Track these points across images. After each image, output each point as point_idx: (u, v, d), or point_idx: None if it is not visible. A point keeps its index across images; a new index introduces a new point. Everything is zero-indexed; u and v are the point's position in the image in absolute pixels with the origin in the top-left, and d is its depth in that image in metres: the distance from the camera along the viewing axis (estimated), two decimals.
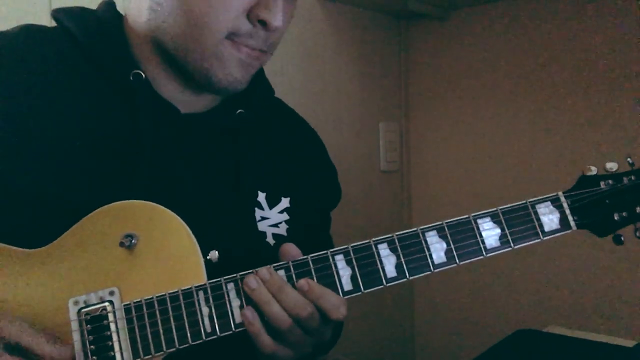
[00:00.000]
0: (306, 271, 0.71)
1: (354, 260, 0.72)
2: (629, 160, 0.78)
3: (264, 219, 0.82)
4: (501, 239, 0.74)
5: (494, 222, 0.74)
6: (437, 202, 1.97)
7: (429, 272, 0.73)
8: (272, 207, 0.83)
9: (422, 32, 1.97)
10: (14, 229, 0.70)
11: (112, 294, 0.68)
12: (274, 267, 0.71)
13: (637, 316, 1.58)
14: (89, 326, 0.67)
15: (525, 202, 0.76)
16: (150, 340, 0.67)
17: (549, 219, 0.75)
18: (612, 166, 0.77)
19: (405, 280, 0.72)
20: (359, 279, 0.71)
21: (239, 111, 0.83)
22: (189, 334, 0.68)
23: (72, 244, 0.70)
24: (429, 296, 2.00)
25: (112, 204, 0.70)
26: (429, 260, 0.73)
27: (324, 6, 1.72)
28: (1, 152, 0.71)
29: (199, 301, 0.69)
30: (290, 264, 0.71)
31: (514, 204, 0.75)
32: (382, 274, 0.72)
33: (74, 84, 0.77)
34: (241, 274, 0.70)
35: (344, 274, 0.71)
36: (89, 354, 0.67)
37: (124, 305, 0.68)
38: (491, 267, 1.82)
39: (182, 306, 0.68)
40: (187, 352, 0.68)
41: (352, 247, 0.72)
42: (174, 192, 0.76)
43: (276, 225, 0.83)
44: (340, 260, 0.72)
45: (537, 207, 0.75)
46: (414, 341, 2.04)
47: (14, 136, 0.72)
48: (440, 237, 0.73)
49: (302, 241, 0.75)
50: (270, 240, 0.82)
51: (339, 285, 0.71)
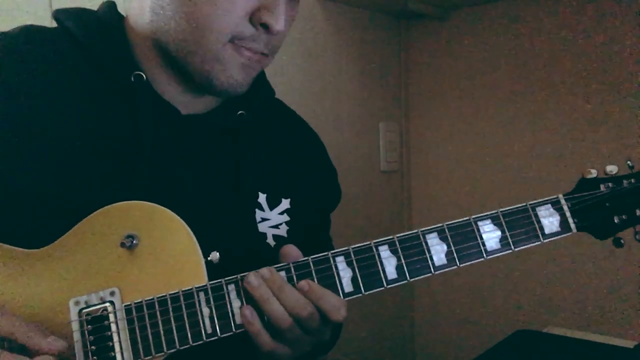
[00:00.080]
0: (307, 272, 0.71)
1: (354, 261, 0.72)
2: (629, 163, 0.78)
3: (264, 220, 0.82)
4: (501, 241, 0.74)
5: (495, 225, 0.75)
6: (437, 202, 1.97)
7: (430, 274, 0.73)
8: (272, 208, 0.84)
9: (422, 32, 1.97)
10: (14, 229, 0.70)
11: (112, 294, 0.69)
12: (275, 267, 0.71)
13: (637, 316, 1.58)
14: (90, 326, 0.67)
15: (525, 205, 0.76)
16: (150, 340, 0.68)
17: (550, 221, 0.75)
18: (612, 169, 0.78)
19: (405, 282, 0.72)
20: (360, 281, 0.71)
21: (240, 112, 0.83)
22: (189, 334, 0.68)
23: (72, 244, 0.70)
24: (429, 296, 2.00)
25: (113, 205, 0.70)
26: (430, 262, 0.73)
27: (324, 6, 1.72)
28: (2, 152, 0.71)
29: (199, 302, 0.69)
30: (291, 265, 0.71)
31: (514, 207, 0.76)
32: (382, 275, 0.72)
33: (74, 85, 0.77)
34: (242, 275, 0.70)
35: (345, 275, 0.72)
36: (90, 355, 0.67)
37: (125, 305, 0.68)
38: (491, 268, 1.82)
39: (183, 307, 0.68)
40: (187, 353, 0.68)
41: (352, 248, 0.72)
42: (174, 193, 0.76)
43: (276, 226, 0.83)
44: (341, 261, 0.72)
45: (538, 209, 0.76)
46: (414, 341, 2.04)
47: (14, 136, 0.72)
48: (440, 239, 0.73)
49: (302, 242, 0.75)
50: (270, 241, 0.82)
51: (339, 286, 0.71)
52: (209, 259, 0.70)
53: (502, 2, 1.79)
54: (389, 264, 0.72)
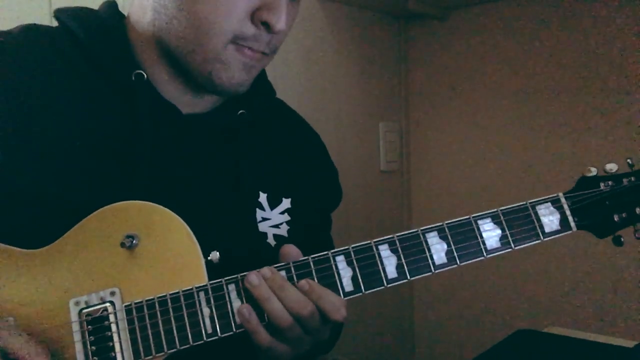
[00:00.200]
0: (307, 272, 0.71)
1: (354, 261, 0.72)
2: (628, 161, 0.78)
3: (265, 219, 0.82)
4: (502, 239, 0.74)
5: (495, 223, 0.75)
6: (437, 202, 1.97)
7: (430, 273, 0.73)
8: (273, 207, 0.84)
9: (422, 32, 1.97)
10: (14, 229, 0.70)
11: (113, 294, 0.69)
12: (275, 267, 0.71)
13: (637, 316, 1.58)
14: (90, 327, 0.67)
15: (525, 203, 0.76)
16: (151, 340, 0.68)
17: (550, 220, 0.75)
18: (611, 167, 0.78)
19: (406, 281, 0.72)
20: (360, 280, 0.71)
21: (240, 112, 0.83)
22: (189, 334, 0.68)
23: (73, 244, 0.70)
24: (429, 296, 2.00)
25: (113, 205, 0.70)
26: (430, 261, 0.73)
27: (324, 6, 1.72)
28: (2, 152, 0.71)
29: (199, 302, 0.69)
30: (291, 264, 0.71)
31: (514, 205, 0.76)
32: (382, 274, 0.72)
33: (75, 84, 0.77)
34: (242, 275, 0.70)
35: (345, 274, 0.72)
36: (90, 355, 0.67)
37: (125, 305, 0.68)
38: (491, 267, 1.82)
39: (183, 307, 0.68)
40: (188, 353, 0.68)
41: (352, 247, 0.72)
42: (174, 193, 0.76)
43: (277, 226, 0.83)
44: (341, 261, 0.72)
45: (538, 208, 0.76)
46: (414, 341, 2.04)
47: (14, 136, 0.72)
48: (440, 237, 0.73)
49: (303, 242, 0.75)
50: (271, 241, 0.82)
51: (339, 286, 0.71)
52: (209, 258, 0.70)
53: (502, 2, 1.79)
54: (389, 263, 0.72)
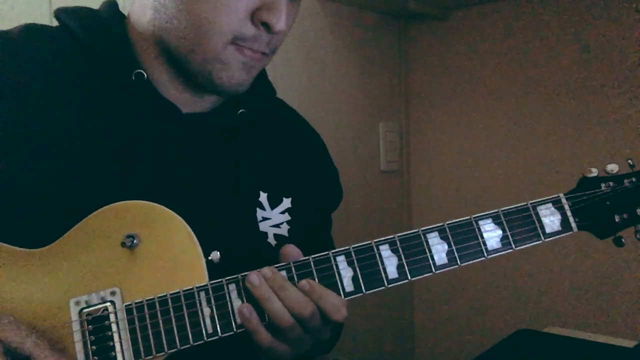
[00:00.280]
0: (308, 272, 0.71)
1: (355, 261, 0.72)
2: (629, 162, 0.78)
3: (265, 219, 0.82)
4: (502, 240, 0.74)
5: (496, 224, 0.75)
6: (437, 202, 1.97)
7: (431, 274, 0.73)
8: (273, 207, 0.84)
9: (422, 32, 1.97)
10: (14, 229, 0.70)
11: (113, 294, 0.69)
12: (276, 267, 0.71)
13: (637, 316, 1.58)
14: (90, 326, 0.67)
15: (526, 204, 0.76)
16: (151, 340, 0.68)
17: (550, 220, 0.75)
18: (612, 168, 0.78)
19: (406, 281, 0.72)
20: (361, 280, 0.71)
21: (241, 111, 0.83)
22: (190, 334, 0.68)
23: (73, 244, 0.70)
24: (429, 296, 2.00)
25: (113, 204, 0.70)
26: (431, 261, 0.73)
27: (324, 6, 1.72)
28: (2, 152, 0.71)
29: (200, 302, 0.69)
30: (291, 264, 0.71)
31: (515, 206, 0.76)
32: (383, 275, 0.72)
33: (75, 84, 0.77)
34: (242, 275, 0.70)
35: (346, 275, 0.72)
36: (90, 355, 0.67)
37: (126, 305, 0.68)
38: (491, 268, 1.82)
39: (184, 307, 0.68)
40: (188, 353, 0.68)
41: (353, 248, 0.72)
42: (175, 192, 0.76)
43: (277, 225, 0.83)
44: (341, 261, 0.72)
45: (539, 208, 0.76)
46: (414, 341, 2.04)
47: (14, 136, 0.72)
48: (441, 238, 0.73)
49: (303, 242, 0.75)
50: (271, 240, 0.82)
51: (340, 286, 0.71)
52: (209, 258, 0.70)
53: (502, 2, 1.79)
54: (390, 264, 0.72)
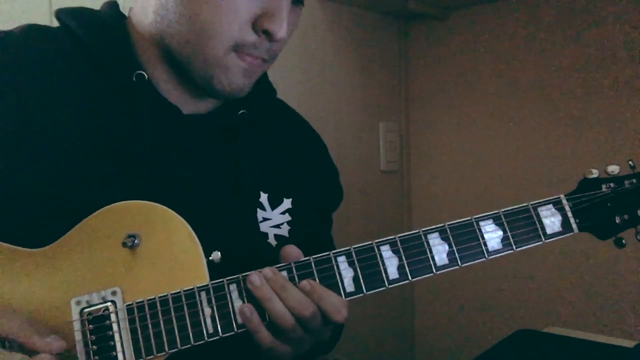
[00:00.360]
0: (308, 272, 0.71)
1: (356, 261, 0.72)
2: (630, 163, 0.78)
3: (265, 219, 0.82)
4: (503, 241, 0.74)
5: (496, 225, 0.75)
6: (437, 202, 1.97)
7: (431, 274, 0.73)
8: (274, 208, 0.84)
9: (422, 32, 1.97)
10: (15, 228, 0.70)
11: (114, 294, 0.69)
12: (277, 267, 0.71)
13: (637, 316, 1.58)
14: (91, 326, 0.67)
15: (527, 205, 0.76)
16: (152, 340, 0.68)
17: (551, 221, 0.76)
18: (613, 169, 0.78)
19: (407, 282, 0.72)
20: (361, 281, 0.72)
21: (241, 112, 0.83)
22: (191, 334, 0.68)
23: (74, 243, 0.70)
24: (429, 296, 2.00)
25: (114, 204, 0.70)
26: (431, 262, 0.73)
27: (324, 6, 1.72)
28: (2, 152, 0.71)
29: (201, 302, 0.69)
30: (292, 265, 0.71)
31: (516, 207, 0.76)
32: (384, 275, 0.72)
33: (75, 84, 0.77)
34: (243, 275, 0.70)
35: (346, 275, 0.72)
36: (91, 354, 0.67)
37: (126, 305, 0.68)
38: (492, 268, 1.82)
39: (185, 307, 0.68)
40: (189, 353, 0.68)
41: (354, 248, 0.72)
42: (175, 193, 0.76)
43: (278, 226, 0.83)
44: (342, 261, 0.72)
45: (539, 209, 0.76)
46: (414, 341, 2.04)
47: (15, 136, 0.72)
48: (442, 239, 0.73)
49: (303, 242, 0.75)
50: (272, 241, 0.82)
51: (341, 286, 0.71)
52: (210, 258, 0.70)
53: (501, 2, 1.79)
54: (391, 264, 0.72)
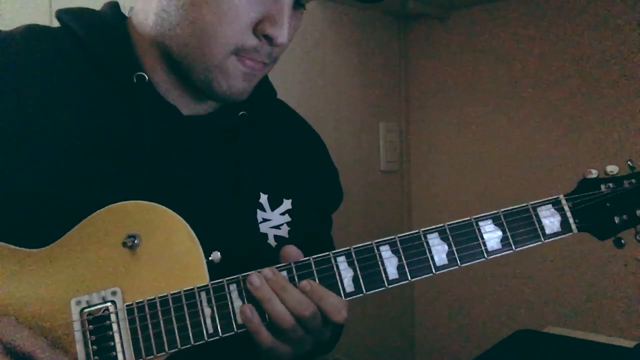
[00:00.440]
0: (308, 272, 0.71)
1: (355, 261, 0.72)
2: (629, 163, 0.78)
3: (265, 220, 0.82)
4: (502, 241, 0.74)
5: (496, 225, 0.75)
6: (437, 202, 1.97)
7: (431, 274, 0.73)
8: (274, 208, 0.84)
9: (422, 32, 1.97)
10: (15, 229, 0.70)
11: (114, 294, 0.69)
12: (277, 268, 0.71)
13: (637, 316, 1.58)
14: (91, 326, 0.68)
15: (526, 205, 0.76)
16: (152, 340, 0.68)
17: (550, 221, 0.76)
18: (612, 169, 0.78)
19: (407, 282, 0.72)
20: (361, 281, 0.72)
21: (241, 113, 0.83)
22: (191, 334, 0.68)
23: (74, 243, 0.70)
24: (429, 296, 2.00)
25: (114, 204, 0.70)
26: (431, 262, 0.73)
27: (324, 6, 1.72)
28: (2, 152, 0.71)
29: (201, 302, 0.69)
30: (292, 265, 0.71)
31: (515, 207, 0.76)
32: (383, 275, 0.72)
33: (76, 84, 0.77)
34: (243, 275, 0.70)
35: (346, 275, 0.72)
36: (91, 354, 0.67)
37: (126, 305, 0.68)
38: (491, 268, 1.82)
39: (185, 307, 0.69)
40: (189, 353, 0.68)
41: (354, 248, 0.72)
42: (175, 193, 0.76)
43: (278, 227, 0.83)
44: (342, 261, 0.72)
45: (539, 209, 0.76)
46: (414, 341, 2.04)
47: (15, 136, 0.72)
48: (441, 239, 0.73)
49: (303, 243, 0.75)
50: (271, 241, 0.82)
51: (340, 286, 0.71)
52: (210, 258, 0.70)
53: (502, 2, 1.79)
54: (390, 264, 0.72)
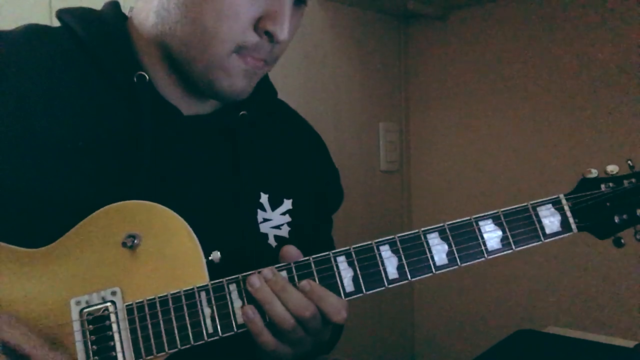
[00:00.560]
0: (308, 272, 0.71)
1: (355, 261, 0.72)
2: (629, 163, 0.78)
3: (266, 220, 0.82)
4: (502, 241, 0.74)
5: (496, 224, 0.75)
6: (437, 202, 1.97)
7: (431, 274, 0.73)
8: (274, 208, 0.84)
9: (422, 32, 1.97)
10: (15, 228, 0.70)
11: (114, 294, 0.69)
12: (277, 267, 0.71)
13: (637, 316, 1.58)
14: (91, 326, 0.68)
15: (526, 205, 0.76)
16: (152, 340, 0.68)
17: (550, 221, 0.76)
18: (612, 169, 0.78)
19: (407, 281, 0.72)
20: (361, 280, 0.72)
21: (242, 112, 0.83)
22: (190, 334, 0.68)
23: (74, 243, 0.70)
24: (429, 296, 2.00)
25: (114, 204, 0.70)
26: (431, 262, 0.73)
27: (324, 6, 1.72)
28: (3, 152, 0.71)
29: (201, 302, 0.69)
30: (292, 265, 0.71)
31: (515, 206, 0.76)
32: (383, 275, 0.72)
33: (77, 84, 0.77)
34: (243, 275, 0.70)
35: (346, 275, 0.72)
36: (91, 354, 0.67)
37: (126, 305, 0.68)
38: (491, 267, 1.82)
39: (184, 307, 0.69)
40: (188, 353, 0.68)
41: (353, 248, 0.72)
42: (175, 193, 0.76)
43: (278, 227, 0.83)
44: (342, 261, 0.72)
45: (539, 209, 0.76)
46: (414, 341, 2.04)
47: (15, 136, 0.72)
48: (441, 238, 0.73)
49: (304, 243, 0.75)
50: (272, 241, 0.82)
51: (340, 286, 0.71)
52: (210, 258, 0.70)
53: (502, 2, 1.79)
54: (390, 264, 0.72)
